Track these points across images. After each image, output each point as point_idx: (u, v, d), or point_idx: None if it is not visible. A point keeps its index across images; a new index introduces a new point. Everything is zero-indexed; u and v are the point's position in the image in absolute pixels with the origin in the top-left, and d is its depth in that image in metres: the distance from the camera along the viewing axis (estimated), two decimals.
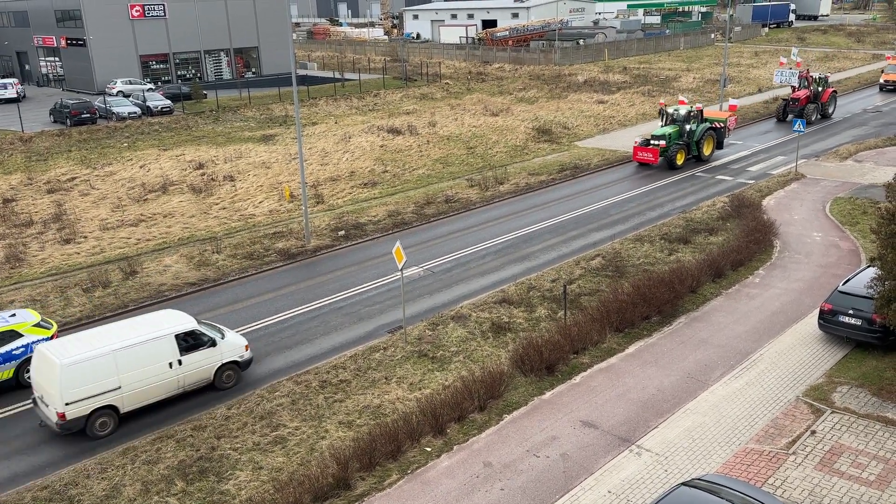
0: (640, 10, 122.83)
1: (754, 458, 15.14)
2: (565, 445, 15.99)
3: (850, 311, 18.95)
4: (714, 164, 39.24)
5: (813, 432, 15.85)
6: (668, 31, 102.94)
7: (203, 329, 18.33)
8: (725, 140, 40.74)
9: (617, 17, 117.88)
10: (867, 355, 18.96)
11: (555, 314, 21.85)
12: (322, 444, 16.17)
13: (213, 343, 18.18)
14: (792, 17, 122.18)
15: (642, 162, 38.59)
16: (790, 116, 48.26)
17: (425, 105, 58.97)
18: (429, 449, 15.93)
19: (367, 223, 30.95)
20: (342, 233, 29.77)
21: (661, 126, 39.58)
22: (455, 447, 16.02)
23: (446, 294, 24.07)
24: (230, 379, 18.61)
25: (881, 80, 61.33)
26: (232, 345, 18.64)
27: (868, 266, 20.55)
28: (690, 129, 38.67)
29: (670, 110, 39.36)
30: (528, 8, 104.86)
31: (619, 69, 75.77)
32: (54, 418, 16.26)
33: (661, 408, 17.25)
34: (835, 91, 50.20)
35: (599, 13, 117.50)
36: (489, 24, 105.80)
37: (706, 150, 39.35)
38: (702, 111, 39.33)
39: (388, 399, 17.80)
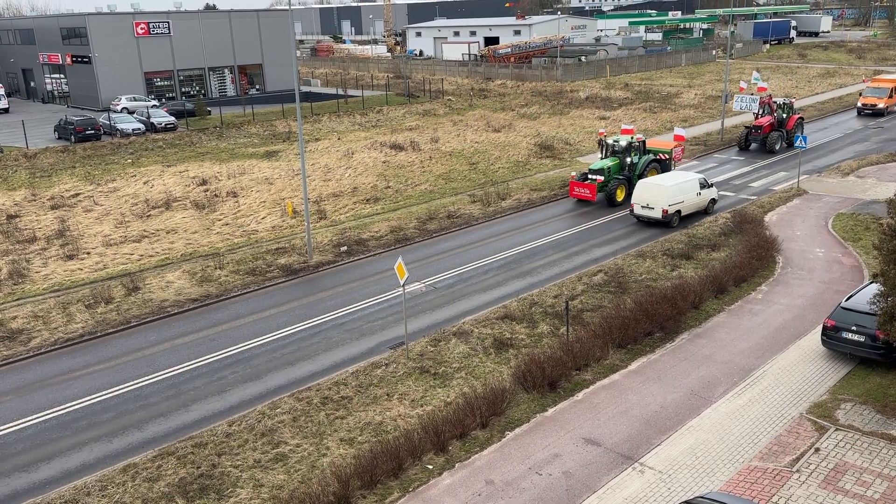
0: (642, 27, 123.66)
1: (758, 476, 15.04)
2: (568, 463, 15.91)
3: (854, 328, 18.91)
4: (716, 179, 39.17)
5: (817, 450, 15.76)
6: (669, 47, 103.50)
7: (705, 179, 32.73)
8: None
9: (618, 33, 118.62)
10: (871, 372, 18.89)
11: (557, 330, 21.82)
12: (323, 461, 16.11)
13: (710, 186, 32.69)
14: (793, 33, 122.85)
15: (579, 198, 35.08)
16: (753, 145, 45.64)
17: (428, 121, 59.21)
18: (430, 466, 15.87)
19: (370, 239, 30.99)
20: (344, 248, 29.81)
21: (601, 158, 36.30)
22: (457, 464, 15.95)
23: (448, 310, 24.06)
24: (710, 208, 32.85)
25: (858, 104, 56.69)
26: (714, 190, 33.06)
27: (871, 282, 20.48)
28: (632, 161, 35.50)
29: (610, 141, 35.94)
30: (530, 25, 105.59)
31: (621, 85, 76.08)
32: (659, 214, 30.47)
33: (663, 425, 17.18)
34: (801, 118, 46.46)
35: (601, 30, 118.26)
36: (491, 41, 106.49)
37: None
38: (644, 142, 36.39)
39: (389, 416, 17.74)
